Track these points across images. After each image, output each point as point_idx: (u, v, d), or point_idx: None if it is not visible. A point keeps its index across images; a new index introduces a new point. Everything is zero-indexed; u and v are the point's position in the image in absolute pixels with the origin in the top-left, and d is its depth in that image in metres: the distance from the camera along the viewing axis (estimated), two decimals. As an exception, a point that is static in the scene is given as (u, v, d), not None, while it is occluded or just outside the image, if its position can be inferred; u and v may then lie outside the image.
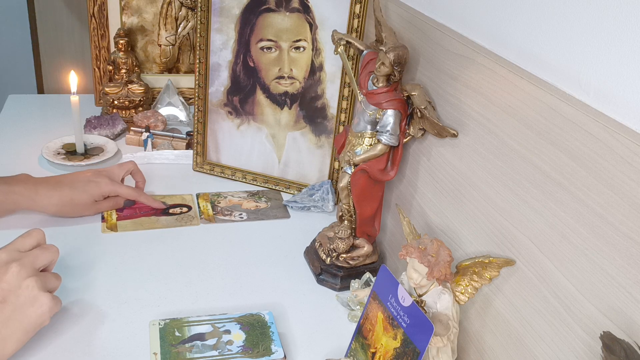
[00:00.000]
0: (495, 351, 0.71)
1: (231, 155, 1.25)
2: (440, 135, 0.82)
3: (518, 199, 0.66)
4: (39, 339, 0.79)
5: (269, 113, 1.20)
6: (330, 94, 1.15)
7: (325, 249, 0.98)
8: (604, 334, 0.50)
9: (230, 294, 0.92)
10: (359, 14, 1.06)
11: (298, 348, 0.83)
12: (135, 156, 1.29)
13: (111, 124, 1.39)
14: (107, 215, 1.08)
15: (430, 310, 0.71)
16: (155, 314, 0.86)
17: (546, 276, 0.62)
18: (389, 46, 0.85)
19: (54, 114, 1.49)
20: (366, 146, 0.90)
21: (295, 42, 1.14)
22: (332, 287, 0.96)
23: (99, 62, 1.49)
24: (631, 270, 0.51)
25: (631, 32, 0.52)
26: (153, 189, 1.19)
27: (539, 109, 0.62)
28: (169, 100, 1.49)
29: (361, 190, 0.92)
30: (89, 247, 1.00)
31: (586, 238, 0.56)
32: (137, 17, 1.49)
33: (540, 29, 0.64)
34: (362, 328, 0.76)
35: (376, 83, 0.88)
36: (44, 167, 1.23)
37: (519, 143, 0.66)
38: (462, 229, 0.79)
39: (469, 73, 0.76)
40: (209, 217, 1.12)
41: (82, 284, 0.91)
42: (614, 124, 0.53)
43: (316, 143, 1.19)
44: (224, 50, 1.19)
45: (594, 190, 0.55)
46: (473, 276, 0.71)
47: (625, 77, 0.53)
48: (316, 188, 1.17)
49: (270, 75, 1.17)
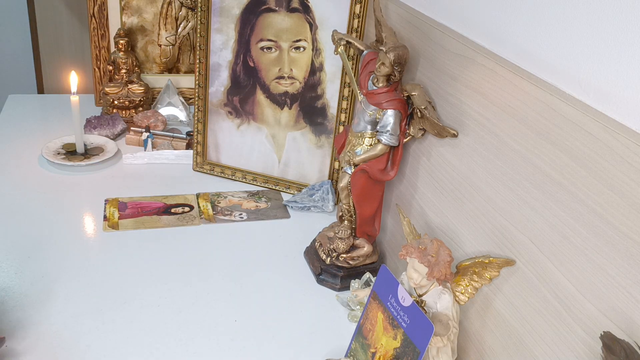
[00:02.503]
0: (495, 351, 0.71)
1: (231, 155, 1.25)
2: (440, 135, 0.82)
3: (518, 199, 0.66)
4: (39, 338, 0.79)
5: (269, 113, 1.20)
6: (330, 94, 1.15)
7: (325, 249, 0.98)
8: (604, 334, 0.50)
9: (230, 293, 0.92)
10: (359, 14, 1.06)
11: (298, 348, 0.83)
12: (135, 156, 1.29)
13: (111, 124, 1.39)
14: (109, 214, 1.08)
15: (430, 310, 0.71)
16: (155, 313, 0.86)
17: (546, 276, 0.62)
18: (389, 46, 0.85)
19: (54, 114, 1.49)
20: (366, 146, 0.90)
21: (295, 42, 1.14)
22: (332, 287, 0.96)
23: (99, 62, 1.49)
24: (631, 270, 0.51)
25: (631, 32, 0.52)
26: (153, 189, 1.19)
27: (539, 109, 0.62)
28: (169, 100, 1.49)
29: (361, 190, 0.92)
30: (90, 245, 1.00)
31: (586, 238, 0.56)
32: (137, 17, 1.49)
33: (540, 29, 0.64)
34: (362, 328, 0.76)
35: (376, 83, 0.88)
36: (44, 167, 1.23)
37: (519, 143, 0.66)
38: (462, 229, 0.79)
39: (469, 73, 0.76)
40: (209, 217, 1.12)
41: (82, 283, 0.91)
42: (614, 124, 0.53)
43: (316, 143, 1.19)
44: (224, 50, 1.19)
45: (594, 190, 0.55)
46: (473, 276, 0.71)
47: (625, 77, 0.53)
48: (316, 188, 1.17)
49: (270, 75, 1.17)
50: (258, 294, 0.93)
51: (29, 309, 0.85)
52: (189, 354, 0.80)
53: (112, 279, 0.93)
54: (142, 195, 1.16)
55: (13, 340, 0.79)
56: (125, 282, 0.92)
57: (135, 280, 0.93)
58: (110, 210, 1.10)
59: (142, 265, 0.96)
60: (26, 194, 1.13)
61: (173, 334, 0.83)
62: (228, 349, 0.82)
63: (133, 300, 0.88)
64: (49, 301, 0.86)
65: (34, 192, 1.14)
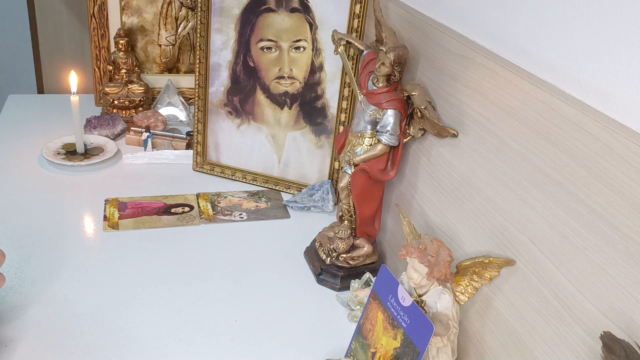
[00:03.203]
0: (495, 351, 0.71)
1: (231, 155, 1.25)
2: (440, 135, 0.82)
3: (518, 199, 0.66)
4: (39, 338, 0.79)
5: (269, 113, 1.20)
6: (330, 94, 1.15)
7: (325, 249, 0.98)
8: (604, 334, 0.50)
9: (230, 293, 0.92)
10: (359, 14, 1.06)
11: (298, 348, 0.83)
12: (135, 156, 1.29)
13: (111, 124, 1.39)
14: (109, 214, 1.08)
15: (430, 310, 0.71)
16: (155, 313, 0.86)
17: (546, 276, 0.62)
18: (389, 46, 0.85)
19: (54, 114, 1.49)
20: (366, 146, 0.90)
21: (295, 42, 1.14)
22: (332, 287, 0.96)
23: (99, 62, 1.49)
24: (631, 270, 0.51)
25: (631, 32, 0.52)
26: (153, 189, 1.19)
27: (539, 109, 0.62)
28: (169, 100, 1.49)
29: (361, 190, 0.92)
30: (90, 245, 1.00)
31: (586, 238, 0.56)
32: (137, 17, 1.49)
33: (540, 29, 0.64)
34: (362, 328, 0.76)
35: (376, 83, 0.88)
36: (44, 167, 1.23)
37: (519, 143, 0.66)
38: (462, 229, 0.79)
39: (469, 73, 0.76)
40: (209, 217, 1.12)
41: (82, 283, 0.91)
42: (614, 124, 0.53)
43: (316, 143, 1.19)
44: (224, 50, 1.19)
45: (594, 190, 0.55)
46: (473, 276, 0.71)
47: (625, 77, 0.53)
48: (316, 188, 1.17)
49: (270, 75, 1.17)
50: (258, 294, 0.93)
51: (29, 309, 0.85)
52: (189, 354, 0.80)
53: (112, 279, 0.93)
54: (142, 195, 1.16)
55: (13, 340, 0.79)
56: (125, 282, 0.92)
57: (135, 280, 0.93)
58: (110, 210, 1.10)
59: (142, 265, 0.96)
60: (26, 194, 1.13)
61: (173, 334, 0.83)
62: (228, 349, 0.82)
63: (133, 300, 0.88)
64: (49, 301, 0.86)
65: (34, 192, 1.14)
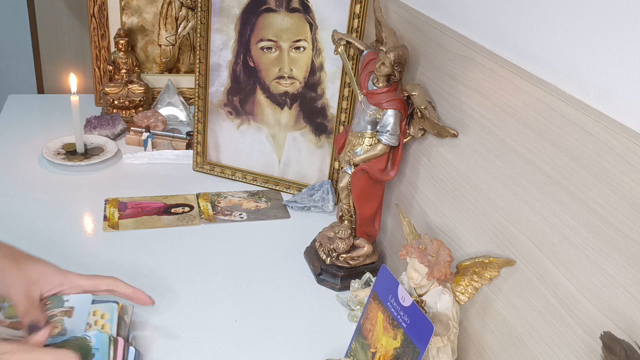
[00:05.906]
0: (495, 351, 0.71)
1: (231, 155, 1.25)
2: (440, 135, 0.82)
3: (518, 199, 0.66)
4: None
5: (269, 113, 1.20)
6: (330, 94, 1.15)
7: (325, 249, 0.98)
8: (604, 334, 0.50)
9: (230, 293, 0.92)
10: (359, 14, 1.06)
11: (298, 348, 0.83)
12: (135, 156, 1.29)
13: (111, 124, 1.39)
14: (109, 214, 1.08)
15: (430, 310, 0.71)
16: (155, 313, 0.86)
17: (546, 276, 0.62)
18: (389, 46, 0.85)
19: (54, 114, 1.49)
20: (366, 146, 0.90)
21: (296, 42, 1.14)
22: (332, 287, 0.96)
23: (99, 62, 1.49)
24: (631, 270, 0.51)
25: (631, 32, 0.52)
26: (153, 189, 1.19)
27: (539, 109, 0.62)
28: (169, 100, 1.49)
29: (361, 190, 0.92)
30: (90, 245, 1.00)
31: (586, 238, 0.56)
32: (137, 17, 1.49)
33: (540, 29, 0.64)
34: (362, 328, 0.76)
35: (376, 83, 0.88)
36: (44, 167, 1.23)
37: (519, 143, 0.66)
38: (462, 229, 0.79)
39: (469, 73, 0.76)
40: (209, 217, 1.12)
41: (82, 284, 0.91)
42: (614, 124, 0.53)
43: (316, 143, 1.19)
44: (224, 50, 1.19)
45: (594, 190, 0.55)
46: (473, 276, 0.71)
47: (625, 77, 0.53)
48: (316, 188, 1.17)
49: (270, 75, 1.17)
50: (258, 294, 0.93)
51: (29, 309, 0.85)
52: (189, 354, 0.80)
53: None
54: (142, 195, 1.16)
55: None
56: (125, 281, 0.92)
57: (135, 279, 0.93)
58: (111, 210, 1.10)
59: (142, 265, 0.96)
60: (26, 194, 1.13)
61: (173, 334, 0.83)
62: (228, 349, 0.82)
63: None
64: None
65: (34, 192, 1.14)
